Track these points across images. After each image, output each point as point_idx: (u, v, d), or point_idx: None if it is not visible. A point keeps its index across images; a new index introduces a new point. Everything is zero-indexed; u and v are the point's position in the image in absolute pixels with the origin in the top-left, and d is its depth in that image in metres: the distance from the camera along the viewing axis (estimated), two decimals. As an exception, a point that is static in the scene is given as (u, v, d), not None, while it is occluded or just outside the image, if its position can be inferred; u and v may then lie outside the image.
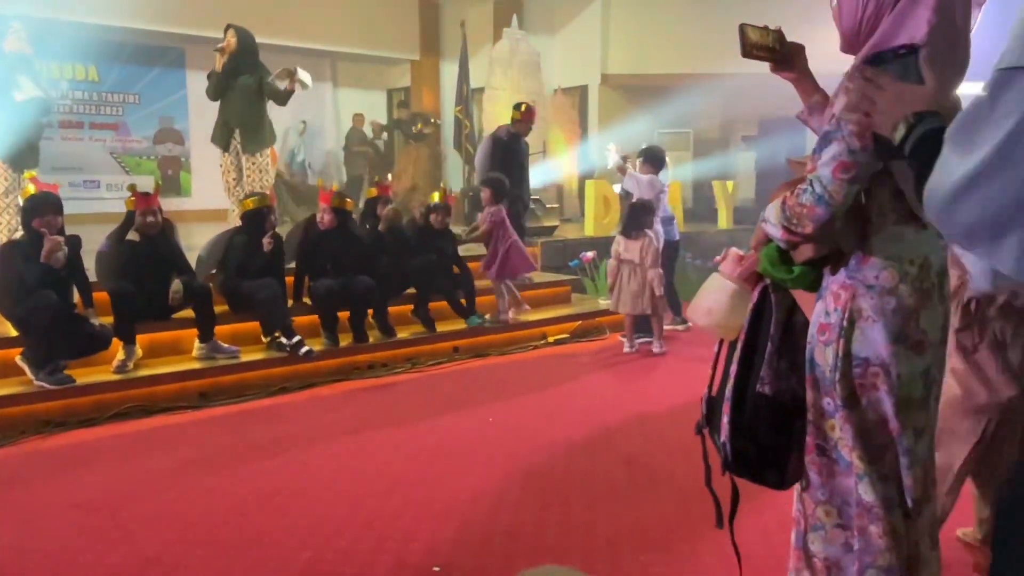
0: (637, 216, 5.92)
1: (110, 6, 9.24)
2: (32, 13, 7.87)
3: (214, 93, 6.32)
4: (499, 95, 10.13)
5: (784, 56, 1.95)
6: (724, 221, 10.61)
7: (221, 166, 6.38)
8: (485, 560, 2.78)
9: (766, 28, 1.93)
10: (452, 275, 6.16)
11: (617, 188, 7.31)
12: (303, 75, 6.28)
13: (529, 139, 7.63)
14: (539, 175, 9.73)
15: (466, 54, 10.78)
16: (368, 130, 12.28)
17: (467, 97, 10.80)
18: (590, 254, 7.81)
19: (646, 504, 3.25)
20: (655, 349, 6.08)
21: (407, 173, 11.30)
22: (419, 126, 11.55)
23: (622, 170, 6.48)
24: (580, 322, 6.76)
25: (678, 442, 3.82)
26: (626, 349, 6.15)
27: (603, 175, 9.13)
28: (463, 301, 6.12)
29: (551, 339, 6.51)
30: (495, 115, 10.02)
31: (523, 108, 7.04)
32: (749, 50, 1.91)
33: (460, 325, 6.12)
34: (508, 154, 6.97)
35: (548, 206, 10.37)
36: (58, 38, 8.86)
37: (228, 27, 6.36)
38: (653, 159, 6.37)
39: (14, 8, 7.77)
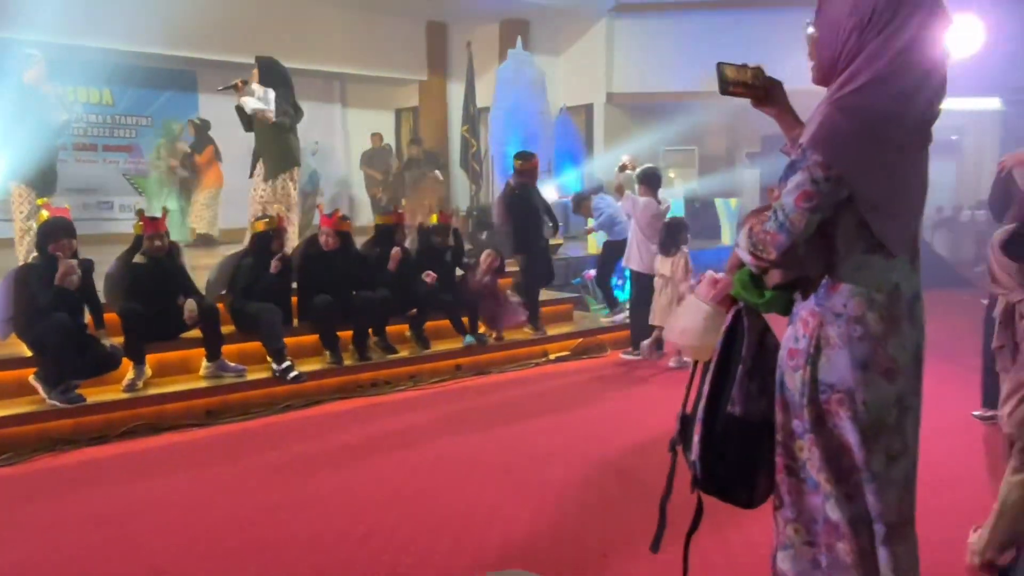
0: (673, 234, 6.19)
1: (124, 31, 9.50)
2: (48, 39, 8.09)
3: (244, 126, 6.58)
4: (504, 115, 10.28)
5: (763, 92, 1.97)
6: (727, 238, 10.69)
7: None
8: (477, 569, 2.87)
9: (744, 65, 1.96)
10: (455, 292, 6.27)
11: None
12: (246, 102, 6.44)
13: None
14: (544, 193, 9.84)
15: (472, 74, 10.95)
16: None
17: (474, 116, 10.97)
18: (593, 272, 7.91)
19: (636, 515, 3.33)
20: (671, 364, 6.18)
21: (421, 207, 11.48)
22: (426, 172, 11.68)
23: (620, 190, 6.60)
24: (581, 339, 6.85)
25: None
26: (640, 356, 6.42)
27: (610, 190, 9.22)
28: (465, 320, 6.23)
29: (552, 356, 6.61)
30: (500, 135, 10.20)
31: (529, 160, 6.89)
32: (727, 87, 1.95)
33: (460, 342, 6.23)
34: (523, 206, 6.86)
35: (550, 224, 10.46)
36: (73, 63, 9.10)
37: (256, 59, 6.60)
38: (650, 181, 6.48)
39: (31, 35, 8.00)
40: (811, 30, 1.86)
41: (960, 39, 9.94)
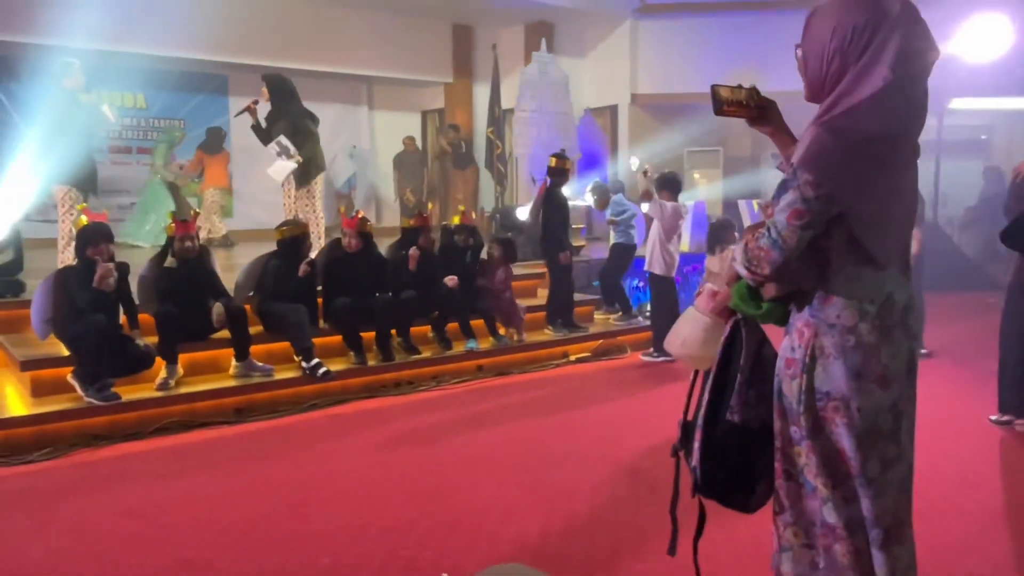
0: (717, 235, 6.33)
1: (158, 37, 9.74)
2: (84, 46, 8.33)
3: (262, 142, 6.78)
4: (528, 117, 10.38)
5: (758, 112, 2.04)
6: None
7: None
8: (490, 565, 2.98)
9: (739, 86, 2.03)
10: (474, 292, 6.40)
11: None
12: (276, 175, 6.70)
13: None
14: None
15: (498, 76, 11.07)
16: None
17: (499, 118, 11.09)
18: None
19: (646, 514, 3.43)
20: None
21: (456, 199, 11.66)
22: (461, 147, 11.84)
23: (648, 195, 6.67)
24: (602, 341, 6.94)
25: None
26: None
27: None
28: (478, 323, 6.36)
29: (572, 358, 6.70)
30: (525, 137, 10.29)
31: (565, 160, 7.07)
32: (721, 107, 2.01)
33: (483, 344, 6.36)
34: (556, 207, 7.02)
35: (575, 226, 10.55)
36: (108, 68, 9.37)
37: (262, 78, 6.79)
38: (671, 185, 6.55)
39: (68, 42, 8.24)
40: (798, 52, 1.92)
41: (989, 39, 9.86)
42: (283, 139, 6.59)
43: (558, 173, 7.01)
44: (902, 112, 1.80)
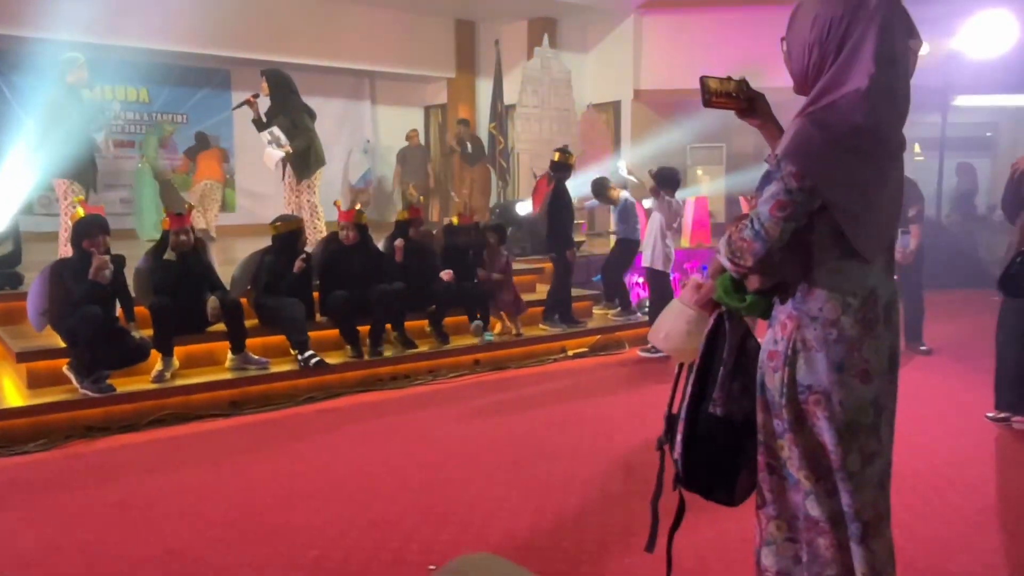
0: None
1: (161, 31, 9.77)
2: (86, 39, 8.36)
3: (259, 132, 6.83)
4: (531, 113, 10.37)
5: (747, 103, 2.03)
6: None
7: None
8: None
9: (728, 78, 2.02)
10: (474, 289, 6.39)
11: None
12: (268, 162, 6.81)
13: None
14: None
15: (500, 72, 11.05)
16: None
17: (501, 114, 11.08)
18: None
19: (637, 509, 3.41)
20: None
21: (461, 196, 11.66)
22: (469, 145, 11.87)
23: (655, 191, 6.66)
24: (600, 336, 6.93)
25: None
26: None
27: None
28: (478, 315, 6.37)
29: (570, 353, 6.69)
30: (526, 132, 10.29)
31: (569, 156, 7.06)
32: (710, 99, 2.00)
33: (470, 338, 6.35)
34: (561, 203, 7.01)
35: (576, 222, 10.53)
36: (111, 62, 9.39)
37: (262, 73, 6.82)
38: (671, 182, 6.53)
39: (69, 35, 8.27)
40: (784, 46, 1.92)
41: (994, 35, 9.82)
42: (275, 130, 6.65)
43: (561, 168, 6.99)
44: (886, 105, 1.79)
